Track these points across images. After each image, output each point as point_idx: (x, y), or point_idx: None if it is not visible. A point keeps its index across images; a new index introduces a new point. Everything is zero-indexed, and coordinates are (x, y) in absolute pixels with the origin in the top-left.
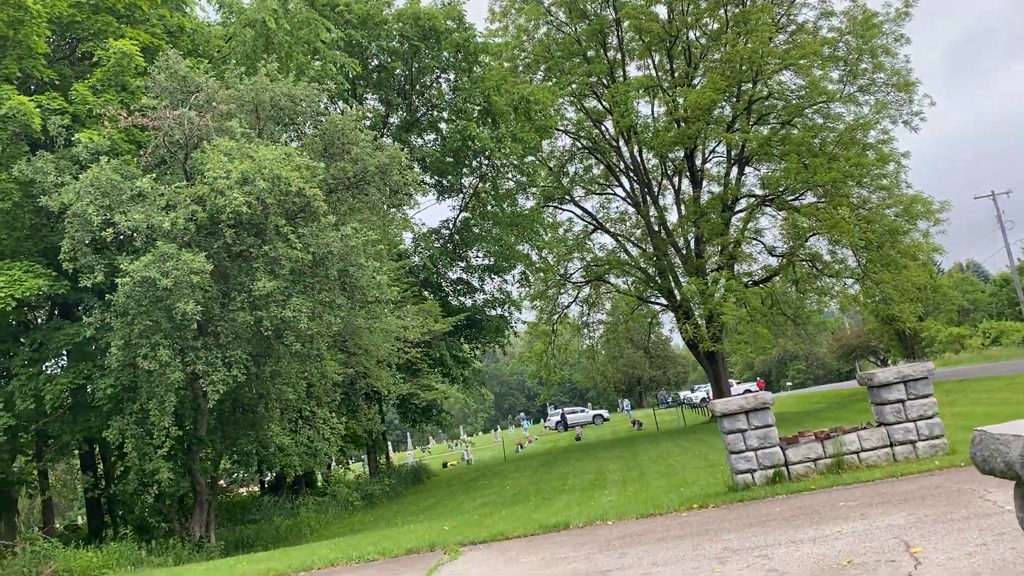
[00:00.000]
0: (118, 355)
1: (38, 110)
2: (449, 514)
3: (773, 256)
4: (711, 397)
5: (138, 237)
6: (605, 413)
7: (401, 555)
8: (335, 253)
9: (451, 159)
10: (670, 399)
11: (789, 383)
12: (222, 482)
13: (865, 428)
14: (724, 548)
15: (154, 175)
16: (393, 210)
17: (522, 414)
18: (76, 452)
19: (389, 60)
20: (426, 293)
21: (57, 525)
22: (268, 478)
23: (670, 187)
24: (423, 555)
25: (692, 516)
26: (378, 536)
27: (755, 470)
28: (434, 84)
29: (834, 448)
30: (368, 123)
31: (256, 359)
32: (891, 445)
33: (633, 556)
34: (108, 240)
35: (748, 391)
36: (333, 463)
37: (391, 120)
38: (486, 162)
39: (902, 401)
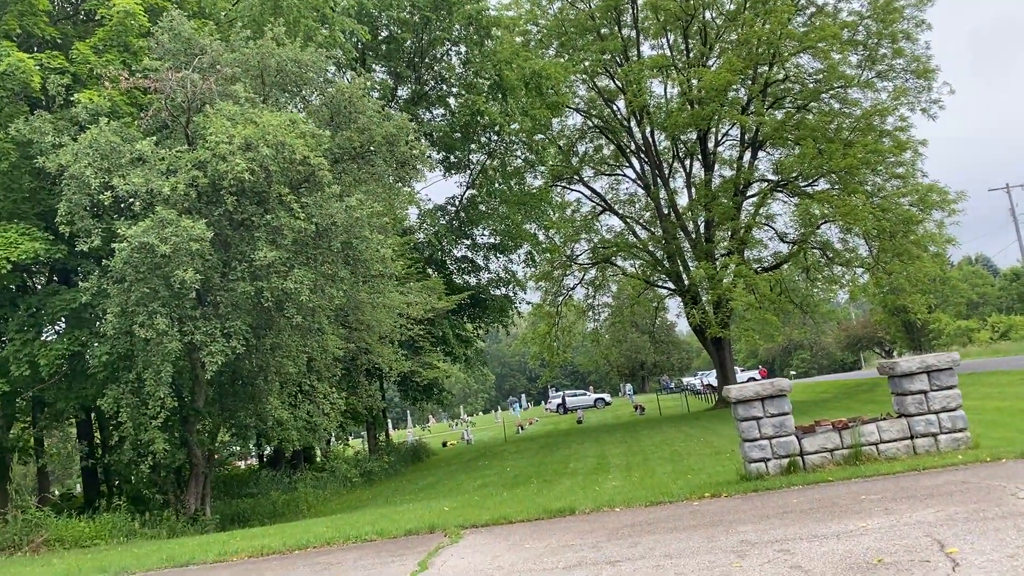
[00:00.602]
0: (114, 322)
1: (38, 68)
2: (449, 494)
3: (784, 242)
4: (717, 383)
5: (137, 202)
6: (607, 397)
7: (400, 536)
8: (339, 224)
9: (459, 135)
10: (672, 384)
11: (793, 372)
12: (218, 455)
13: (884, 419)
14: (741, 541)
15: (155, 139)
16: (398, 183)
17: (512, 398)
18: (72, 420)
19: (399, 31)
20: (430, 270)
21: (54, 493)
22: (267, 452)
23: (681, 170)
24: (422, 537)
25: (704, 505)
26: (376, 515)
27: (769, 459)
28: (444, 57)
29: (852, 439)
30: (376, 94)
31: (256, 331)
32: (912, 437)
33: (644, 546)
34: (106, 204)
35: (752, 379)
36: (332, 439)
37: (400, 93)
38: (495, 138)
39: (924, 392)
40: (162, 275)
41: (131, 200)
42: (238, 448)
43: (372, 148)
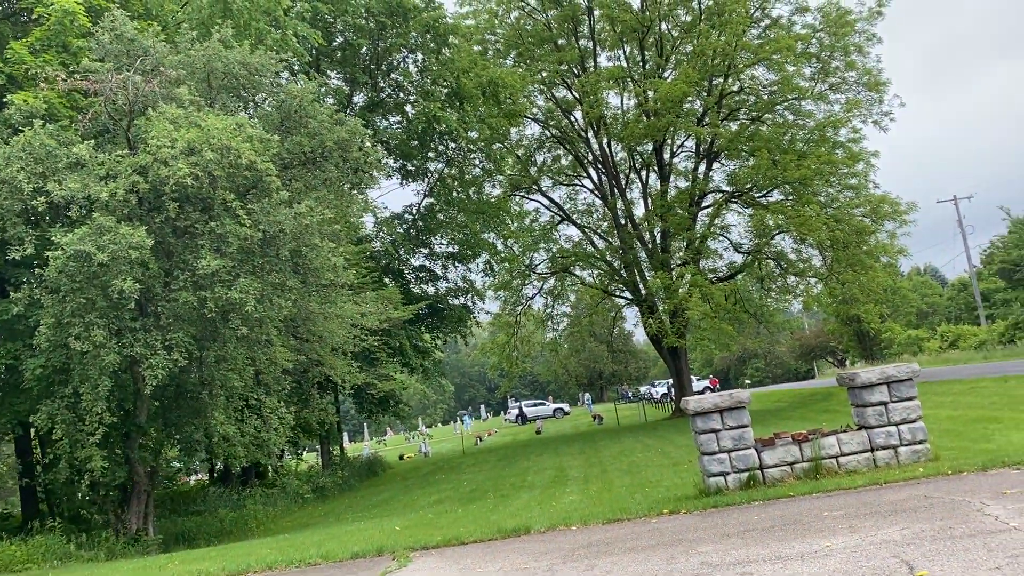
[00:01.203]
0: (48, 335)
1: None
2: (402, 511)
3: (739, 252)
4: (673, 393)
5: (73, 208)
6: (566, 407)
7: (346, 559)
8: (287, 232)
9: (416, 142)
10: (630, 394)
11: (748, 381)
12: (164, 472)
13: (845, 431)
14: (702, 563)
15: (94, 143)
16: (353, 190)
17: (462, 411)
18: (10, 437)
19: (355, 37)
20: (387, 280)
21: None
22: (218, 467)
23: (638, 181)
24: (370, 560)
25: (663, 523)
26: (324, 535)
27: (728, 473)
28: (401, 64)
29: (812, 452)
30: (332, 101)
31: (200, 343)
32: (872, 450)
33: (601, 568)
34: (40, 210)
35: (707, 389)
36: (284, 454)
37: (356, 99)
38: (452, 146)
39: (885, 403)
40: (99, 285)
41: (67, 206)
42: (181, 465)
43: (324, 153)
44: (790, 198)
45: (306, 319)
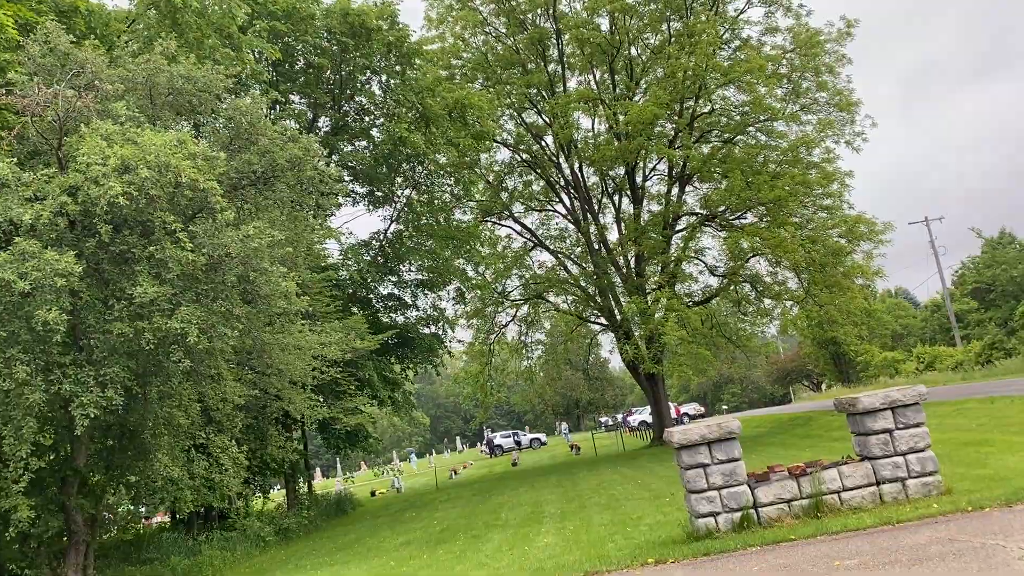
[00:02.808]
0: None
1: None
2: (366, 555)
3: (714, 275)
4: (653, 420)
5: None
6: (543, 437)
7: None
8: (234, 255)
9: (384, 168)
10: (609, 421)
11: (725, 407)
12: (109, 514)
13: (846, 463)
14: None
15: (16, 161)
16: (308, 212)
17: (409, 448)
18: None
19: (317, 58)
20: (355, 309)
21: None
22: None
23: (611, 205)
24: None
25: None
26: None
27: (719, 513)
28: (365, 86)
29: (812, 487)
30: (294, 125)
31: (141, 378)
32: (877, 483)
33: None
34: None
35: (686, 416)
36: (244, 495)
37: (319, 124)
38: (420, 169)
39: (889, 431)
40: (23, 316)
41: None
42: (140, 509)
43: (275, 172)
44: (764, 220)
45: (261, 351)
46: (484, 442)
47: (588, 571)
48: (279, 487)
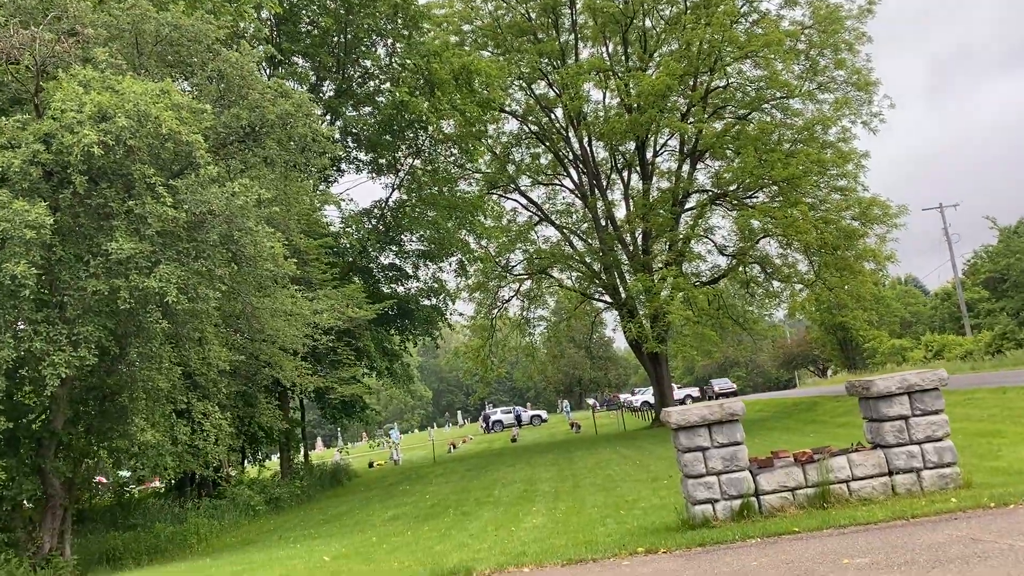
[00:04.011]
0: None
1: None
2: (351, 530)
3: (724, 255)
4: (655, 400)
5: None
6: (543, 414)
7: None
8: (217, 213)
9: (388, 136)
10: (609, 399)
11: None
12: (102, 479)
13: (856, 450)
14: None
15: None
16: (303, 175)
17: (389, 424)
18: None
19: (321, 17)
20: (355, 278)
21: None
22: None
23: (619, 181)
24: None
25: (636, 567)
26: (243, 565)
27: (717, 500)
28: (371, 50)
29: (819, 475)
30: (298, 87)
31: (120, 339)
32: (890, 474)
33: None
34: None
35: (688, 398)
36: (234, 463)
37: (323, 88)
38: (423, 135)
39: (905, 418)
40: None
41: None
42: (116, 475)
43: (264, 128)
44: (777, 199)
45: (250, 316)
46: (481, 417)
47: (573, 559)
48: (276, 456)
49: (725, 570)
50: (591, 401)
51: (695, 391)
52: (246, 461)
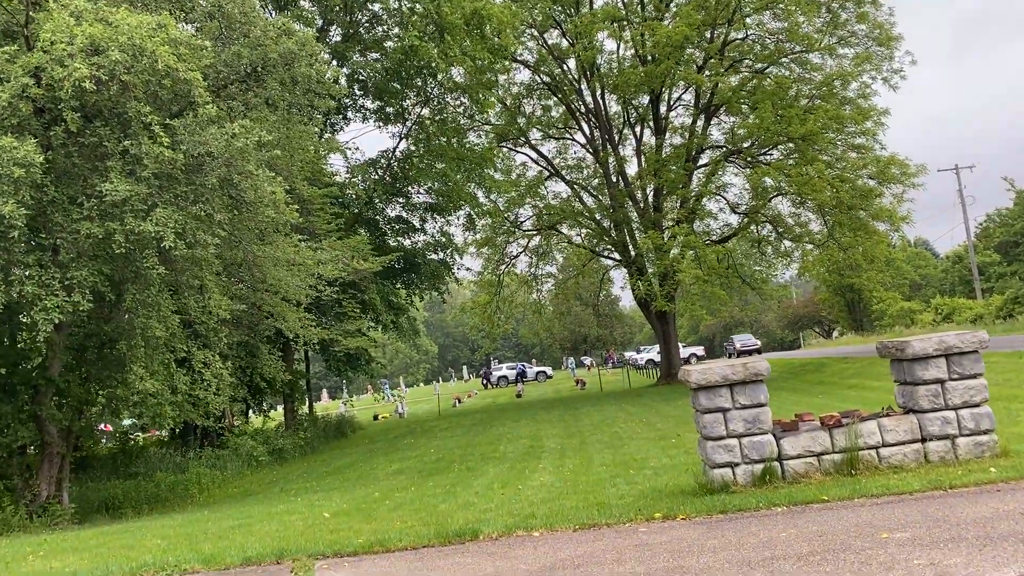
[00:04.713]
0: None
1: None
2: (354, 484)
3: (736, 213)
4: (661, 359)
5: None
6: (548, 370)
7: (234, 566)
8: (216, 155)
9: (396, 83)
10: (616, 358)
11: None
12: (107, 426)
13: (887, 415)
14: None
15: None
16: (306, 119)
17: (383, 379)
18: None
19: None
20: (362, 231)
21: None
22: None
23: (632, 136)
24: (262, 569)
25: (654, 534)
26: (240, 519)
27: (737, 464)
28: None
29: (848, 440)
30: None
31: (116, 284)
32: (923, 440)
33: None
34: None
35: (693, 356)
36: (250, 411)
37: (331, 32)
38: (432, 82)
39: (941, 382)
40: None
41: None
42: (124, 423)
43: (266, 68)
44: (792, 157)
45: (252, 264)
46: (482, 372)
47: (585, 523)
48: (281, 407)
49: (751, 541)
50: (586, 360)
51: (700, 350)
52: (251, 411)
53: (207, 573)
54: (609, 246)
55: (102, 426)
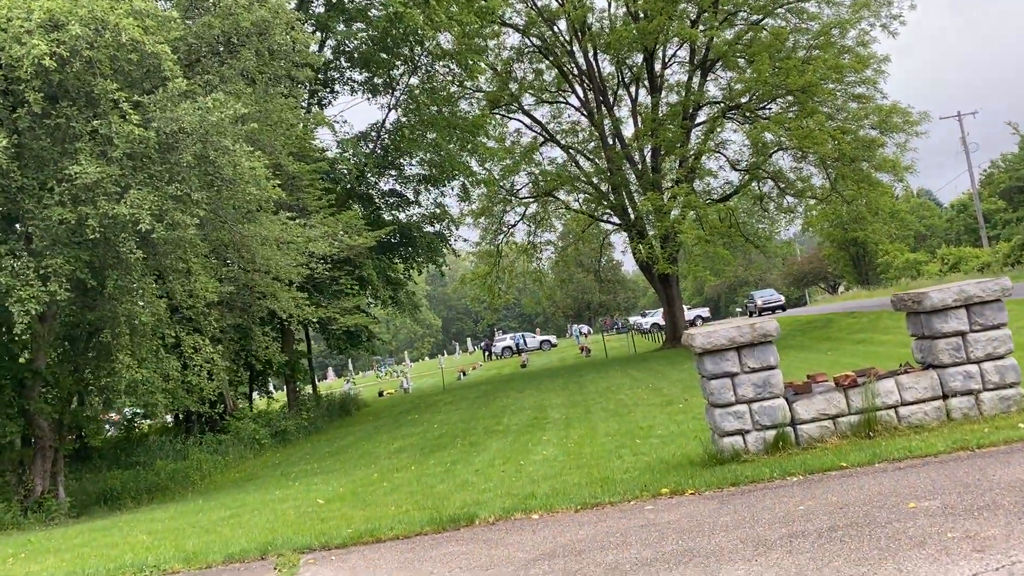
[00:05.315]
0: None
1: None
2: (355, 464)
3: (736, 171)
4: (665, 322)
5: None
6: (552, 339)
7: (216, 564)
8: (189, 131)
9: (382, 53)
10: (620, 323)
11: (739, 309)
12: (115, 415)
13: (905, 372)
14: None
15: None
16: (286, 89)
17: (378, 357)
18: None
19: None
20: (356, 206)
21: None
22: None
23: (626, 97)
24: (245, 566)
25: (661, 512)
26: (232, 510)
27: (748, 431)
28: None
29: (865, 400)
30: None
31: (97, 271)
32: (944, 397)
33: None
34: None
35: (698, 319)
36: (253, 394)
37: (314, 3)
38: (420, 50)
39: (963, 334)
40: None
41: None
42: (138, 411)
43: (239, 39)
44: (792, 109)
45: (239, 245)
46: (483, 344)
47: (588, 502)
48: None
49: (767, 516)
50: (584, 329)
51: (705, 311)
52: (254, 394)
53: (188, 573)
54: (608, 210)
55: (112, 415)
